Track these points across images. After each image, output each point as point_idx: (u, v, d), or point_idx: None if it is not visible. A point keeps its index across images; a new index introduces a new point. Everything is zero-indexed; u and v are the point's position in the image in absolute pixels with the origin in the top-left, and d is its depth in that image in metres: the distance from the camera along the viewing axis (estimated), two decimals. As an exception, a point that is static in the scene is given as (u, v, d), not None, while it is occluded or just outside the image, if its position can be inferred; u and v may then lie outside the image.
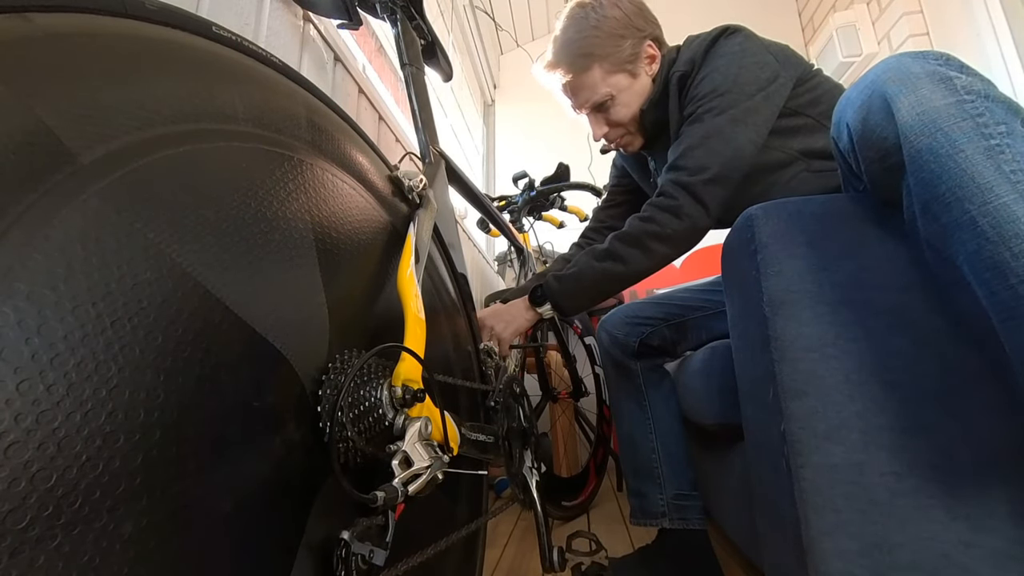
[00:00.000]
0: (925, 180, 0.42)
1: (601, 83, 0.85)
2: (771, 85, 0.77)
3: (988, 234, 0.38)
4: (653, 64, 0.87)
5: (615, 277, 0.80)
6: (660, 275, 2.40)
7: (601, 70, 0.84)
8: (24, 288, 0.22)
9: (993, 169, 0.38)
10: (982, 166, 0.39)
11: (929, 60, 0.44)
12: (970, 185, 0.39)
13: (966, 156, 0.39)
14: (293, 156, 0.44)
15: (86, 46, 0.29)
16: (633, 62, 0.85)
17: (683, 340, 0.99)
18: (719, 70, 0.78)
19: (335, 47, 0.92)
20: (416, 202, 0.65)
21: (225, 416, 0.32)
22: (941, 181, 0.40)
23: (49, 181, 0.24)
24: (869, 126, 0.47)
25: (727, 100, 0.76)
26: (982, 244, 0.38)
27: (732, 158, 0.75)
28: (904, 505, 0.44)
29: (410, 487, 0.41)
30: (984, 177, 0.38)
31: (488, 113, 2.89)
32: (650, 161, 0.98)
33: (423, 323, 0.52)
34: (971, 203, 0.39)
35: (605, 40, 0.83)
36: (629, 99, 0.87)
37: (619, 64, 0.84)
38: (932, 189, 0.41)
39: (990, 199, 0.38)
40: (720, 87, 0.77)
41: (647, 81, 0.87)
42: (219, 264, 0.33)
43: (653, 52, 0.87)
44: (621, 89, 0.86)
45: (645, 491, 0.94)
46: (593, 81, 0.85)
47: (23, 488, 0.21)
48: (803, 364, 0.49)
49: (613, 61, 0.84)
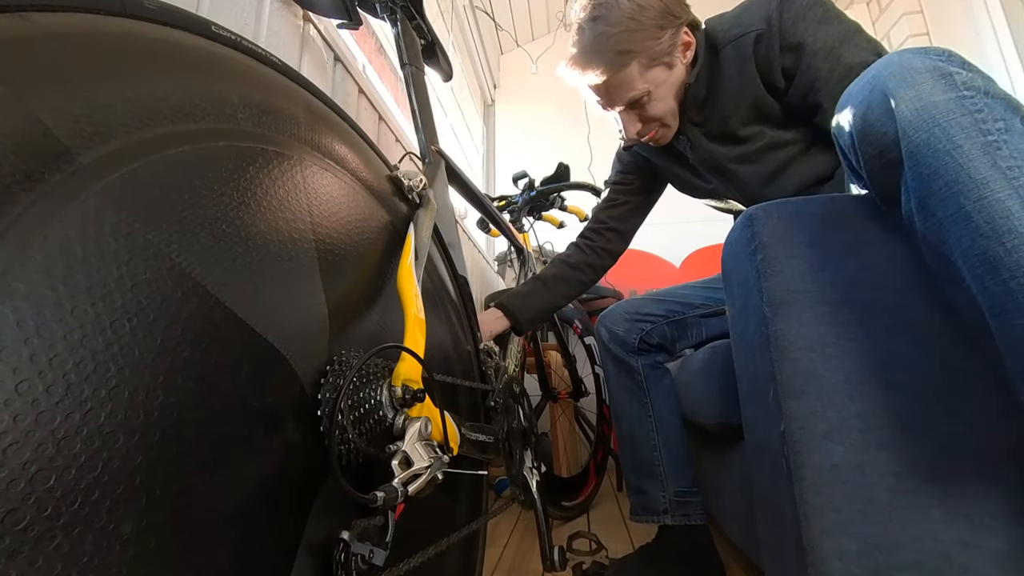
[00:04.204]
0: (922, 175, 0.42)
1: (639, 80, 0.77)
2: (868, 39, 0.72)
3: (982, 229, 0.38)
4: (688, 51, 0.80)
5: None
6: (660, 275, 2.39)
7: (639, 65, 0.76)
8: (23, 288, 0.22)
9: (990, 165, 0.38)
10: (979, 162, 0.39)
11: (931, 56, 0.44)
12: (966, 180, 0.39)
13: (963, 152, 0.39)
14: (293, 156, 0.44)
15: (85, 46, 0.29)
16: (671, 53, 0.77)
17: (683, 337, 0.99)
18: (831, 34, 0.70)
19: (335, 47, 0.92)
20: (416, 202, 0.65)
21: (225, 416, 0.32)
22: (938, 176, 0.40)
23: (48, 181, 0.24)
24: (869, 121, 0.47)
25: (859, 40, 0.70)
26: (976, 239, 0.38)
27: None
28: (904, 505, 0.44)
29: (410, 487, 0.41)
30: (980, 173, 0.38)
31: (488, 113, 2.89)
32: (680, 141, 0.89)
33: (423, 323, 0.52)
34: (966, 198, 0.39)
35: (645, 33, 0.75)
36: (666, 92, 0.80)
37: (657, 57, 0.77)
38: (929, 184, 0.41)
39: (985, 195, 0.38)
40: (840, 34, 0.70)
41: (682, 70, 0.80)
42: (218, 264, 0.33)
43: (689, 39, 0.79)
44: (659, 84, 0.78)
45: (646, 488, 0.94)
46: (631, 78, 0.77)
47: (22, 488, 0.21)
48: (803, 364, 0.49)
49: (651, 55, 0.76)
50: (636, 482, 0.96)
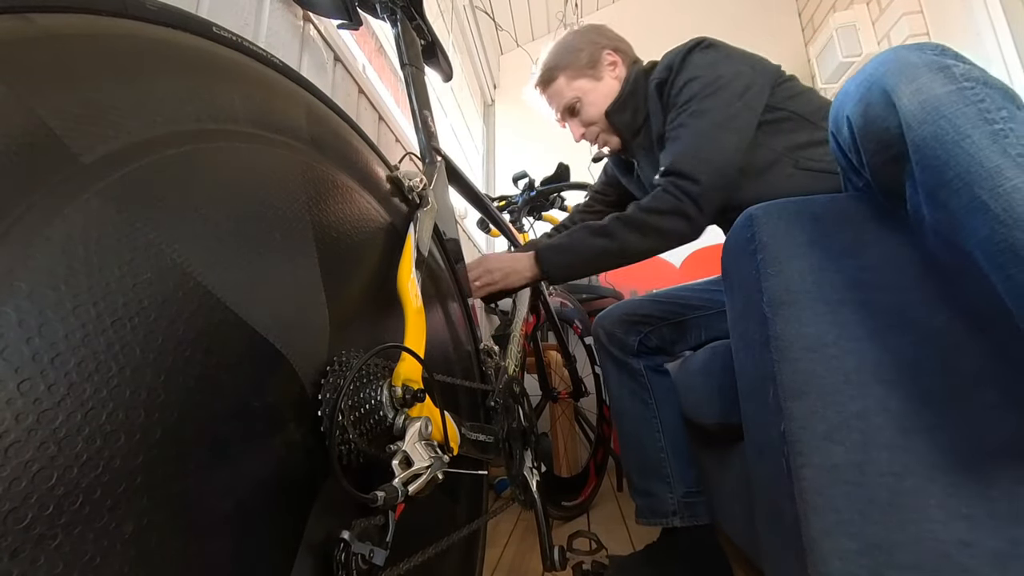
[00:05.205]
0: (931, 167, 0.42)
1: (567, 88, 0.99)
2: (748, 92, 0.83)
3: (1001, 217, 0.37)
4: (616, 68, 0.99)
5: (608, 254, 0.85)
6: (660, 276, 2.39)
7: (565, 77, 0.99)
8: (25, 288, 0.22)
9: (1000, 153, 0.38)
10: (989, 150, 0.39)
11: (926, 51, 0.45)
12: (979, 170, 0.39)
13: (972, 141, 0.39)
14: (293, 156, 0.44)
15: (87, 47, 0.29)
16: (594, 67, 0.98)
17: (682, 339, 0.99)
18: (698, 79, 0.85)
19: (335, 47, 0.92)
20: (416, 202, 0.65)
21: (225, 416, 0.32)
22: (948, 167, 0.40)
23: (50, 181, 0.25)
24: (870, 118, 0.47)
25: (708, 104, 0.82)
26: (996, 228, 0.38)
27: (724, 164, 0.81)
28: (904, 505, 0.44)
29: (410, 487, 0.41)
30: (992, 161, 0.38)
31: (488, 113, 2.89)
32: (635, 163, 1.05)
33: (423, 323, 0.52)
34: (981, 188, 0.39)
35: (564, 54, 0.99)
36: (595, 99, 0.98)
37: (580, 70, 0.98)
38: (939, 176, 0.41)
39: (1001, 183, 0.38)
40: (700, 93, 0.84)
41: (613, 84, 0.98)
42: (220, 264, 0.33)
43: (613, 58, 0.99)
44: (586, 91, 0.98)
45: (653, 490, 0.93)
46: (560, 88, 1.00)
47: (24, 487, 0.21)
48: (803, 364, 0.49)
49: (574, 68, 0.98)
50: (642, 484, 0.95)
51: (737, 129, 0.82)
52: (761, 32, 2.45)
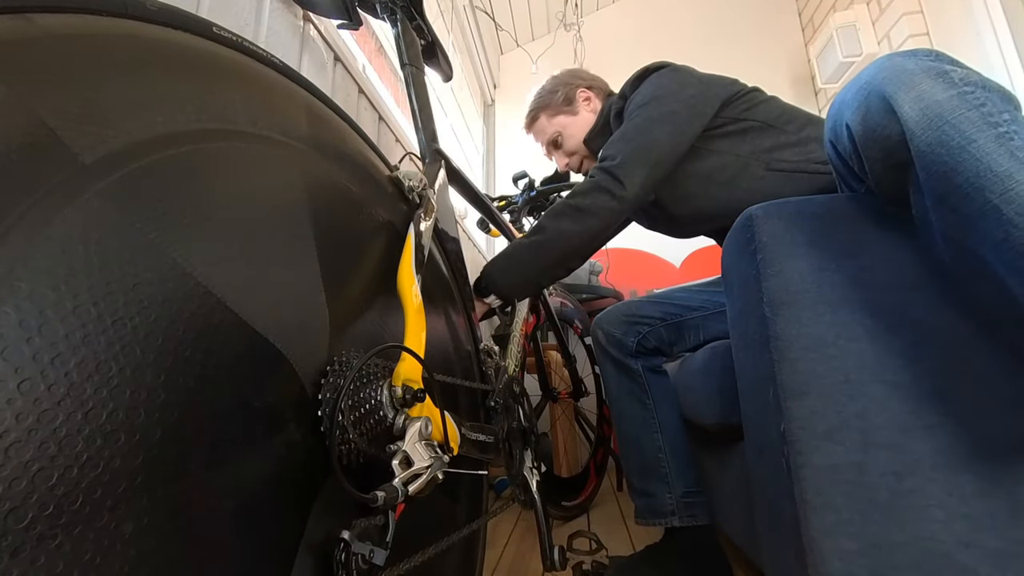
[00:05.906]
0: (939, 173, 0.41)
1: (548, 126, 1.13)
2: (691, 99, 0.88)
3: (1015, 221, 0.37)
4: (591, 102, 1.11)
5: (549, 247, 0.86)
6: (660, 276, 2.39)
7: (546, 116, 1.13)
8: (26, 288, 0.22)
9: (1008, 156, 0.38)
10: (996, 154, 0.39)
11: (920, 57, 0.45)
12: (988, 174, 0.39)
13: (979, 146, 0.39)
14: (293, 156, 0.44)
15: (87, 47, 0.29)
16: (570, 104, 1.11)
17: (680, 340, 0.99)
18: (642, 93, 0.93)
19: (335, 47, 0.92)
20: (416, 202, 0.65)
21: (225, 416, 0.32)
22: (956, 173, 0.40)
23: (50, 181, 0.25)
24: (870, 126, 0.47)
25: (645, 109, 0.89)
26: (1009, 231, 0.38)
27: (648, 143, 0.85)
28: (904, 505, 0.44)
29: (410, 487, 0.41)
30: (1001, 165, 0.38)
31: (488, 113, 2.88)
32: None
33: (423, 323, 0.52)
34: (992, 192, 0.38)
35: (543, 97, 1.13)
36: (574, 131, 1.11)
37: (557, 108, 1.11)
38: (948, 181, 0.41)
39: (1011, 186, 0.38)
40: (641, 101, 0.91)
41: (589, 116, 1.10)
42: (220, 264, 0.33)
43: (587, 94, 1.11)
44: (565, 126, 1.11)
45: (653, 491, 0.93)
46: (543, 126, 1.14)
47: (24, 487, 0.21)
48: (803, 364, 0.49)
49: (552, 108, 1.12)
50: (641, 485, 0.96)
51: (672, 122, 0.86)
52: (761, 32, 2.45)
